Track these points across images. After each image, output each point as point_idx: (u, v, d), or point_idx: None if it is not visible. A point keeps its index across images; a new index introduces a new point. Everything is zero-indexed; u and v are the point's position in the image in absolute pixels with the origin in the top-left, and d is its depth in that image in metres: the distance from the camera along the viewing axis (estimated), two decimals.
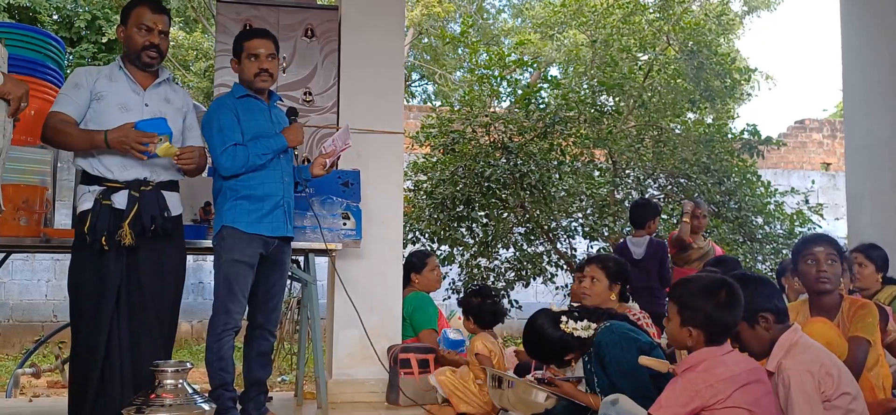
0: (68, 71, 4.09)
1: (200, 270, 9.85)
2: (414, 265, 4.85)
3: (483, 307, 4.14)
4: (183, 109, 3.34)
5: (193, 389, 2.59)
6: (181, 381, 2.54)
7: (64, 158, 4.15)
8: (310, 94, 4.61)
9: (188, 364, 2.61)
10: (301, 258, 4.25)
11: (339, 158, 3.76)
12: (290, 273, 3.93)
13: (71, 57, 12.85)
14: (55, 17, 13.16)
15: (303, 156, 3.72)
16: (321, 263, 5.07)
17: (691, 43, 8.92)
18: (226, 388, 3.39)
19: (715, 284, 2.41)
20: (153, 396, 2.49)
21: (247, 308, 3.52)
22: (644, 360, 2.56)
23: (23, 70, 3.82)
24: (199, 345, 9.21)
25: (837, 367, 2.40)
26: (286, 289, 5.26)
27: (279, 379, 6.81)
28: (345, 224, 4.12)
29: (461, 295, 4.38)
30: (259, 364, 3.60)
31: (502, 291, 7.67)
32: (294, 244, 3.79)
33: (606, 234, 7.77)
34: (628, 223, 7.75)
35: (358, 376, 4.47)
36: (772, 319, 2.46)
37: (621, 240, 6.12)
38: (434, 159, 7.87)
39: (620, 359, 2.78)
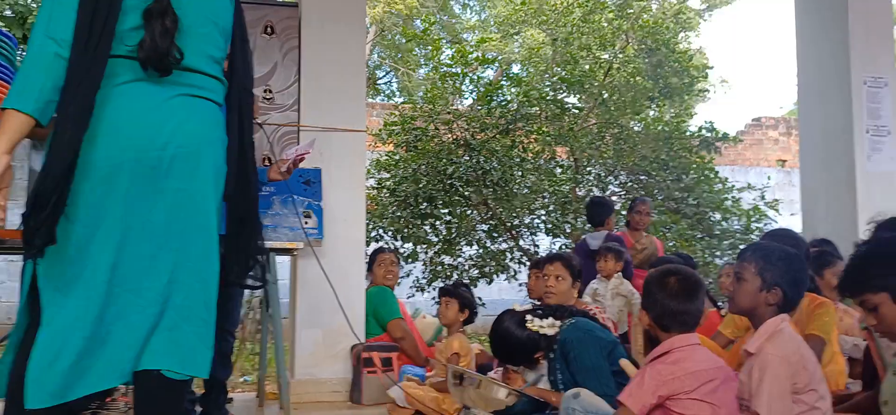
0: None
1: None
2: (369, 263, 4.88)
3: (469, 295, 4.19)
4: None
5: None
6: None
7: (17, 157, 4.03)
8: (270, 91, 4.56)
9: None
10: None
11: (301, 159, 3.72)
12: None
13: (23, 53, 12.51)
14: (8, 12, 12.79)
15: (263, 155, 3.68)
16: (283, 262, 5.03)
17: (650, 41, 9.05)
18: None
19: (666, 273, 2.46)
20: (109, 399, 2.45)
21: None
22: (625, 364, 2.61)
23: None
24: None
25: (813, 363, 2.44)
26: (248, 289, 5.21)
27: (242, 379, 6.73)
28: (306, 223, 4.09)
29: (443, 288, 4.38)
30: (219, 365, 3.54)
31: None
32: None
33: (568, 230, 7.84)
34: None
35: (321, 375, 4.44)
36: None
37: (582, 238, 6.19)
38: (397, 157, 7.86)
39: (584, 356, 2.81)
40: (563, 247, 7.84)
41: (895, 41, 5.61)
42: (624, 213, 7.49)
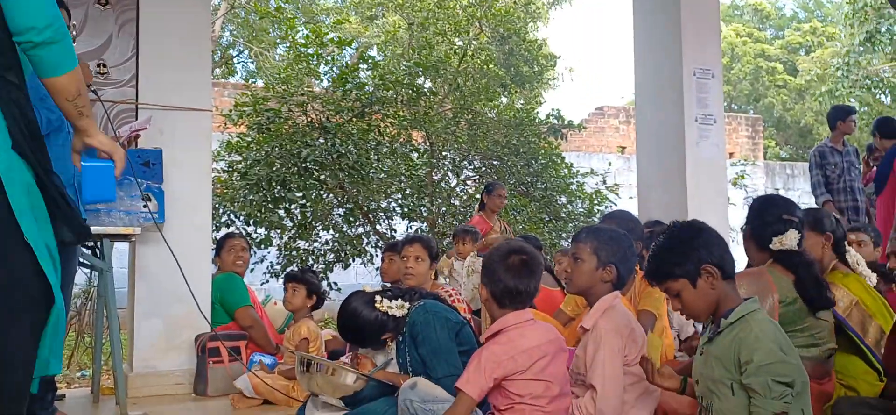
0: None
1: None
2: (218, 249, 4.69)
3: (315, 281, 4.14)
4: None
5: None
6: None
7: None
8: (104, 66, 4.24)
9: None
10: (97, 243, 3.91)
11: (137, 137, 3.50)
12: (82, 260, 3.61)
13: None
14: None
15: None
16: (122, 249, 4.72)
17: (502, 29, 9.29)
18: None
19: (510, 251, 2.53)
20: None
21: None
22: None
23: None
24: None
25: (643, 337, 2.62)
26: (86, 278, 4.85)
27: (79, 374, 6.27)
28: (145, 207, 3.84)
29: (289, 274, 4.28)
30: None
31: (322, 274, 7.58)
32: None
33: (425, 214, 7.92)
34: (445, 204, 7.97)
35: (162, 367, 4.21)
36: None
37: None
38: (248, 139, 7.59)
39: (432, 337, 2.83)
40: (420, 231, 7.91)
41: (721, 34, 6.07)
42: (478, 197, 7.67)
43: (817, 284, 2.69)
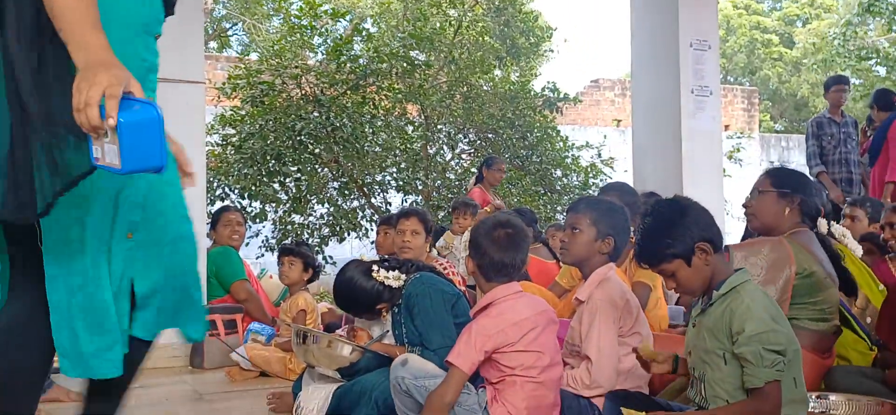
0: None
1: None
2: (213, 222, 4.70)
3: (310, 254, 4.14)
4: None
5: None
6: None
7: None
8: None
9: None
10: None
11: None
12: None
13: None
14: None
15: None
16: None
17: (498, 0, 9.22)
18: None
19: (496, 224, 2.52)
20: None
21: None
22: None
23: None
24: None
25: (637, 308, 2.62)
26: None
27: None
28: None
29: (283, 247, 4.29)
30: None
31: (317, 248, 7.59)
32: None
33: (420, 187, 7.92)
34: (440, 177, 7.97)
35: (158, 340, 4.22)
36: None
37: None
38: (243, 112, 7.55)
39: (428, 308, 2.84)
40: (415, 203, 7.91)
41: (718, 5, 6.03)
42: (473, 170, 7.66)
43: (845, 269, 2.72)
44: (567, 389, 2.47)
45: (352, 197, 7.94)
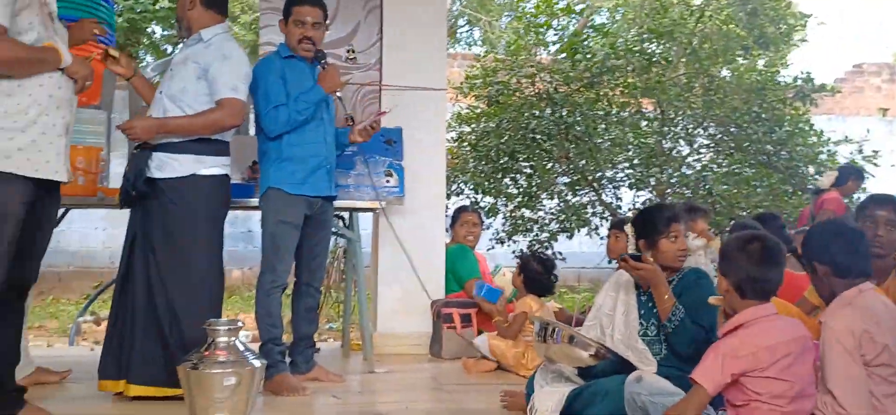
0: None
1: (249, 219, 10.06)
2: (452, 221, 4.98)
3: (540, 278, 4.21)
4: (201, 63, 3.17)
5: (245, 346, 2.70)
6: (233, 338, 2.65)
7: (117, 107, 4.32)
8: (353, 51, 4.62)
9: (239, 323, 2.71)
10: (346, 215, 4.33)
11: (378, 123, 3.79)
12: (334, 230, 4.02)
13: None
14: None
15: (345, 115, 3.75)
16: (365, 217, 5.16)
17: None
18: (275, 342, 3.51)
19: (751, 238, 2.38)
20: (207, 353, 2.60)
21: (293, 265, 3.64)
22: (714, 300, 2.54)
23: None
24: (249, 291, 9.47)
25: (889, 333, 2.27)
26: (332, 240, 5.40)
27: (327, 326, 6.99)
28: (388, 182, 4.18)
29: (521, 254, 4.45)
30: (306, 320, 3.73)
31: (546, 243, 7.67)
32: (339, 203, 3.88)
33: (653, 183, 7.67)
34: (676, 174, 7.65)
35: (402, 329, 4.57)
36: (828, 270, 2.32)
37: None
38: (478, 111, 7.83)
39: (699, 292, 2.76)
40: (648, 201, 7.68)
41: None
42: (713, 167, 7.25)
43: None
44: None
45: (582, 193, 7.90)
